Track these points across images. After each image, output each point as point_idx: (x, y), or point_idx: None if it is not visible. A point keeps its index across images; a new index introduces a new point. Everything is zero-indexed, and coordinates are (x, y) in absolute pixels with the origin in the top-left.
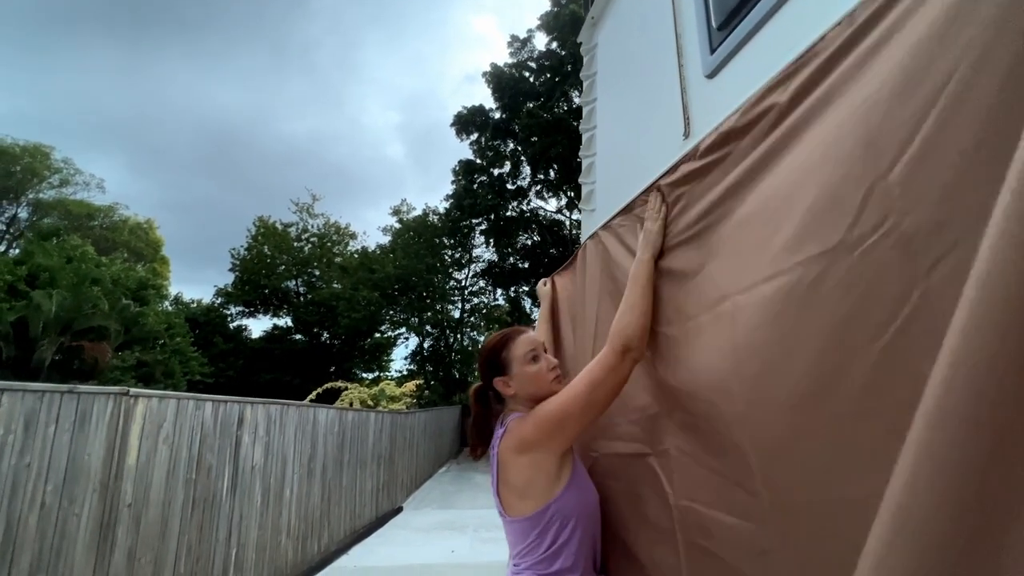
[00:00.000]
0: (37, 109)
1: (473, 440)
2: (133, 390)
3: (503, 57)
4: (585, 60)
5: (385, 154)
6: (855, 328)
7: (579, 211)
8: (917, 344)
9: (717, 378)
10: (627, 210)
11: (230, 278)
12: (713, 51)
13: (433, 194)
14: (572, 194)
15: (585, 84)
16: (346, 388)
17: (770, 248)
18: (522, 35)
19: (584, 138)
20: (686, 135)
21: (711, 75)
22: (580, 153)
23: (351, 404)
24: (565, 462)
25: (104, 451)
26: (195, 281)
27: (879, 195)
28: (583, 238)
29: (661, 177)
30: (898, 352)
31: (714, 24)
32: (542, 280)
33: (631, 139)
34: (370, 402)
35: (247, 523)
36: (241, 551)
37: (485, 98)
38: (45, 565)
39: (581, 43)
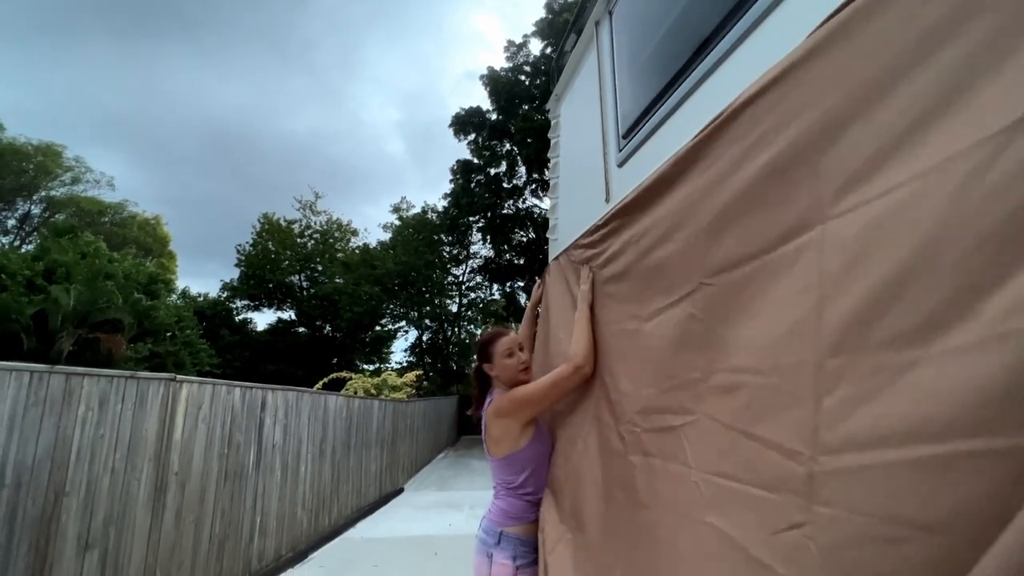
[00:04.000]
0: (38, 104)
1: (475, 396)
2: (180, 376)
3: (501, 58)
4: (552, 124)
5: (385, 151)
6: (1016, 230)
7: None
8: None
9: (788, 325)
10: (572, 248)
11: (232, 272)
12: (620, 150)
13: (432, 190)
14: None
15: (552, 142)
16: (350, 378)
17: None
18: (518, 40)
19: (551, 183)
20: (607, 200)
21: (620, 165)
22: (548, 194)
23: (355, 393)
24: (527, 428)
25: (157, 427)
26: (197, 275)
27: None
28: (550, 258)
29: (583, 241)
30: None
31: (620, 132)
32: (539, 283)
33: (578, 192)
34: (373, 391)
35: (269, 495)
36: (264, 519)
37: (483, 97)
38: (114, 519)
39: (549, 110)
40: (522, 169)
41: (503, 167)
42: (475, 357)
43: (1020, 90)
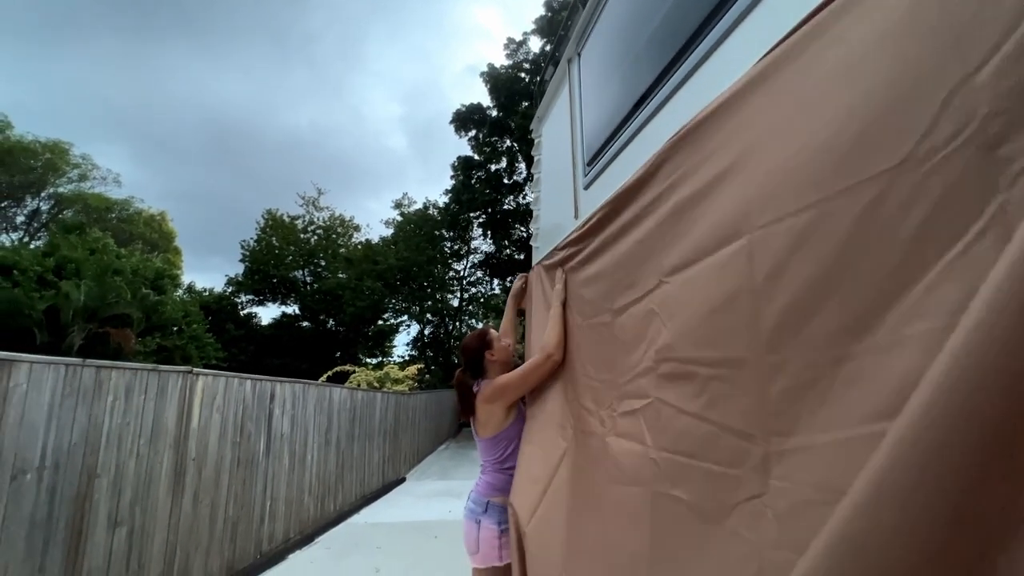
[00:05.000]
0: (38, 100)
1: (461, 410)
2: (196, 369)
3: (502, 53)
4: (535, 142)
5: (387, 146)
6: (911, 251)
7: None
8: (979, 264)
9: (730, 322)
10: (549, 257)
11: (236, 266)
12: (586, 175)
13: (434, 185)
14: None
15: (535, 159)
16: (354, 371)
17: (792, 183)
18: (518, 37)
19: (533, 197)
20: (576, 216)
21: (586, 188)
22: (531, 206)
23: (359, 385)
24: (510, 411)
25: (176, 415)
26: (201, 269)
27: (963, 98)
28: (534, 263)
29: (559, 247)
30: (956, 275)
31: (585, 159)
32: (520, 275)
33: (556, 206)
34: (376, 384)
35: (278, 481)
36: (274, 504)
37: (484, 93)
38: (139, 499)
39: (532, 130)
40: (522, 166)
41: (503, 163)
42: (465, 363)
43: (912, 126)
